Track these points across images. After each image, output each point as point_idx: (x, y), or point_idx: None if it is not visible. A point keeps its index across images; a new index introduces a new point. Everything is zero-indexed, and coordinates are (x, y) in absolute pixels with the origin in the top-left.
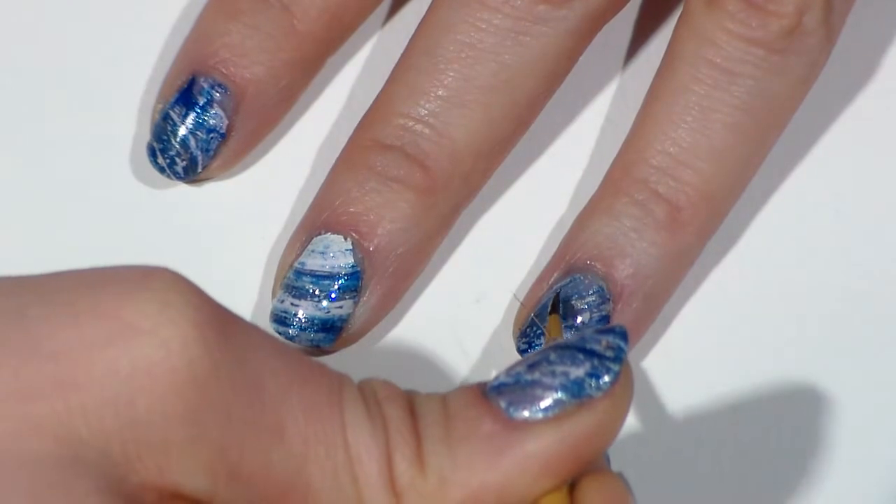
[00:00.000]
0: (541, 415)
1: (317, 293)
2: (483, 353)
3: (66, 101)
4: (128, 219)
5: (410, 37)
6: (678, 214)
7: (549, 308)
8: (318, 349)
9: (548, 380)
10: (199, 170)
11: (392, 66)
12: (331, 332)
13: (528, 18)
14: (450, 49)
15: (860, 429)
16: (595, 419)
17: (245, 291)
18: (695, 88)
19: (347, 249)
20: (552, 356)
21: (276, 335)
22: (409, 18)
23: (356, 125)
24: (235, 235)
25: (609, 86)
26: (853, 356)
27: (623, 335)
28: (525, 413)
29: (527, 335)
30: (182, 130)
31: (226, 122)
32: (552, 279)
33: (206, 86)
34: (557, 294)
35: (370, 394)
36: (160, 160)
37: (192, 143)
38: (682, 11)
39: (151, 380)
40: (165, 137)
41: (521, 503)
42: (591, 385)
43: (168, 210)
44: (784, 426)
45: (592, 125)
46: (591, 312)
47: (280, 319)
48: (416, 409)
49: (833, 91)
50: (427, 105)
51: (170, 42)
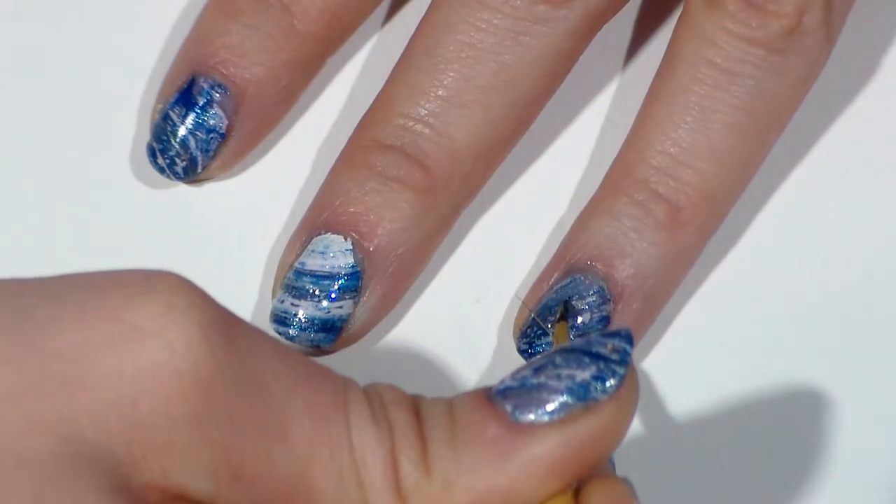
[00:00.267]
0: (546, 418)
1: (317, 293)
2: (483, 354)
3: (66, 101)
4: (128, 219)
5: (410, 37)
6: (678, 214)
7: (557, 316)
8: (319, 349)
9: (553, 383)
10: (199, 170)
11: (392, 66)
12: (331, 333)
13: (528, 18)
14: (450, 49)
15: (860, 429)
16: (601, 422)
17: (245, 291)
18: (695, 88)
19: (347, 249)
20: (558, 359)
21: (276, 335)
22: (409, 18)
23: (356, 125)
24: (235, 235)
25: (609, 86)
26: (853, 356)
27: (628, 338)
28: (531, 416)
29: (527, 335)
30: (182, 131)
31: (225, 123)
32: (552, 279)
33: (206, 86)
34: (566, 302)
35: (375, 397)
36: (160, 160)
37: (192, 144)
38: (682, 11)
39: (156, 381)
40: (165, 138)
41: None
42: (597, 388)
43: (168, 210)
44: (785, 427)
45: (592, 125)
46: (592, 313)
47: (280, 319)
48: (422, 413)
49: (833, 91)
50: (427, 105)
51: (170, 42)
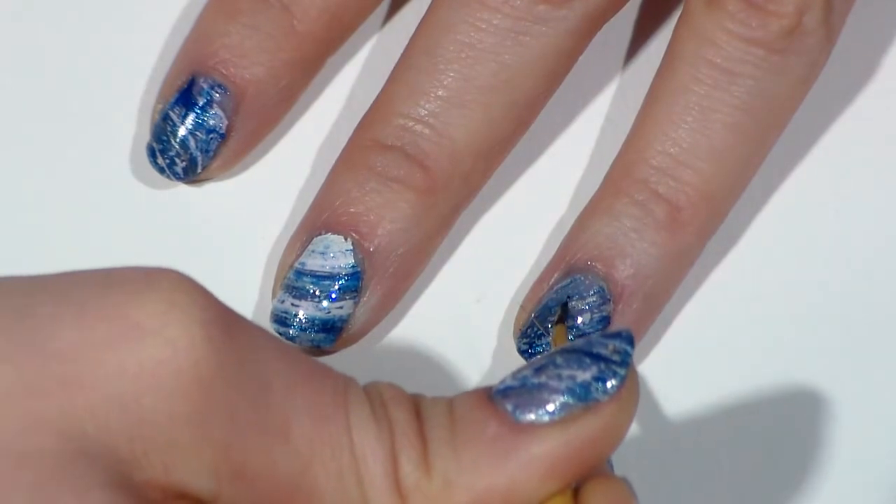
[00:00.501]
0: (547, 418)
1: (317, 293)
2: (483, 354)
3: (66, 101)
4: (128, 219)
5: (410, 37)
6: (678, 214)
7: (556, 318)
8: (319, 349)
9: (554, 383)
10: (199, 170)
11: (392, 66)
12: (331, 333)
13: (528, 18)
14: (450, 49)
15: (860, 429)
16: (601, 423)
17: (245, 291)
18: (695, 89)
19: (348, 250)
20: (559, 360)
21: (277, 335)
22: (409, 18)
23: (356, 125)
24: (235, 235)
25: (609, 86)
26: (853, 356)
27: (629, 339)
28: (531, 416)
29: (527, 335)
30: (182, 131)
31: (225, 123)
32: (553, 279)
33: (206, 86)
34: (565, 304)
35: (376, 396)
36: (160, 161)
37: (192, 144)
38: (682, 11)
39: (157, 379)
40: (165, 138)
41: None
42: (598, 389)
43: (168, 210)
44: (784, 427)
45: (592, 125)
46: (592, 313)
47: (280, 320)
48: (422, 412)
49: (833, 91)
50: (427, 105)
51: (170, 42)
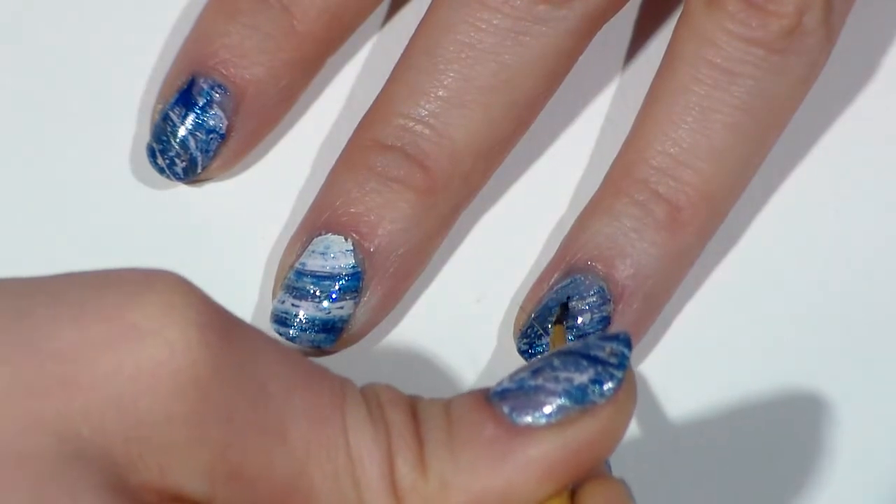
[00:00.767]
0: (544, 420)
1: (317, 294)
2: (483, 354)
3: (67, 101)
4: (127, 219)
5: (410, 37)
6: (678, 214)
7: (554, 319)
8: (319, 350)
9: (551, 385)
10: (199, 170)
11: (392, 66)
12: (331, 333)
13: (528, 18)
14: (450, 49)
15: (860, 429)
16: (598, 425)
17: (245, 292)
18: (695, 89)
19: (348, 250)
20: (556, 362)
21: (277, 336)
22: (409, 18)
23: (356, 125)
24: (235, 236)
25: (609, 86)
26: (853, 356)
27: (627, 342)
28: (528, 418)
29: (527, 335)
30: (181, 131)
31: (225, 123)
32: (552, 280)
33: (206, 86)
34: (563, 305)
35: (372, 397)
36: (160, 161)
37: (192, 144)
38: (682, 11)
39: (154, 381)
40: (165, 138)
41: None
42: (595, 391)
43: (168, 210)
44: (784, 427)
45: (592, 125)
46: (592, 313)
47: (280, 320)
48: (419, 414)
49: (833, 91)
50: (427, 105)
51: (170, 42)
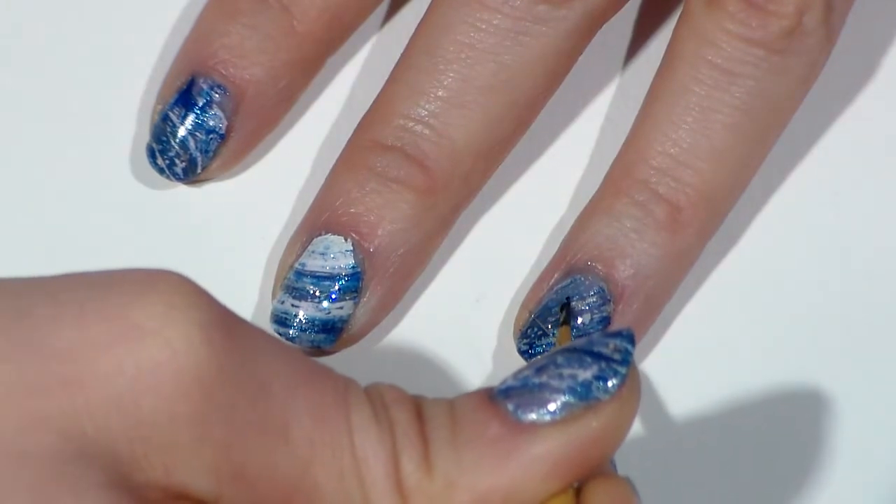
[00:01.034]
0: (548, 417)
1: (317, 294)
2: (483, 354)
3: (67, 102)
4: (128, 219)
5: (410, 37)
6: (678, 215)
7: (559, 318)
8: (319, 350)
9: (555, 382)
10: (199, 171)
11: (392, 66)
12: (331, 333)
13: (528, 18)
14: (449, 49)
15: (860, 429)
16: (602, 422)
17: (245, 292)
18: (695, 89)
19: (348, 250)
20: (559, 359)
21: (277, 336)
22: (409, 18)
23: (356, 125)
24: (235, 236)
25: (609, 86)
26: (853, 356)
27: (630, 338)
28: (532, 416)
29: (527, 336)
30: (181, 131)
31: (225, 123)
32: (553, 280)
33: (206, 87)
34: (567, 305)
35: (377, 397)
36: (160, 161)
37: (192, 144)
38: (682, 11)
39: (157, 380)
40: (165, 138)
41: None
42: (599, 388)
43: (168, 210)
44: (784, 427)
45: (592, 125)
46: (592, 313)
47: (280, 320)
48: (423, 413)
49: (833, 91)
50: (427, 105)
51: (170, 42)
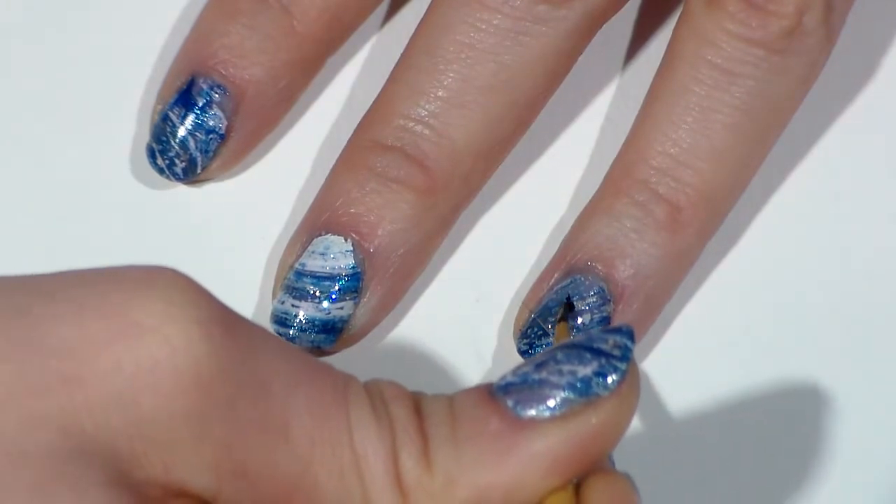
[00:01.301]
0: (548, 413)
1: (317, 294)
2: (483, 354)
3: (67, 101)
4: (128, 219)
5: (410, 37)
6: (678, 215)
7: (559, 316)
8: (319, 350)
9: (555, 378)
10: (199, 171)
11: (392, 66)
12: (331, 333)
13: (528, 18)
14: (449, 49)
15: (860, 428)
16: (602, 418)
17: (245, 292)
18: (695, 89)
19: (348, 250)
20: (559, 355)
21: (276, 335)
22: (409, 18)
23: (356, 125)
24: (235, 236)
25: (609, 86)
26: (853, 356)
27: (630, 334)
28: (532, 412)
29: (527, 335)
30: (181, 131)
31: (225, 123)
32: (553, 280)
33: (206, 87)
34: (566, 303)
35: (376, 393)
36: (159, 161)
37: (192, 144)
38: (682, 11)
39: (156, 378)
40: (165, 138)
41: (528, 502)
42: (599, 384)
43: (168, 210)
44: (784, 426)
45: (592, 125)
46: (592, 313)
47: (280, 320)
48: (423, 409)
49: (833, 91)
50: (427, 106)
51: (170, 42)
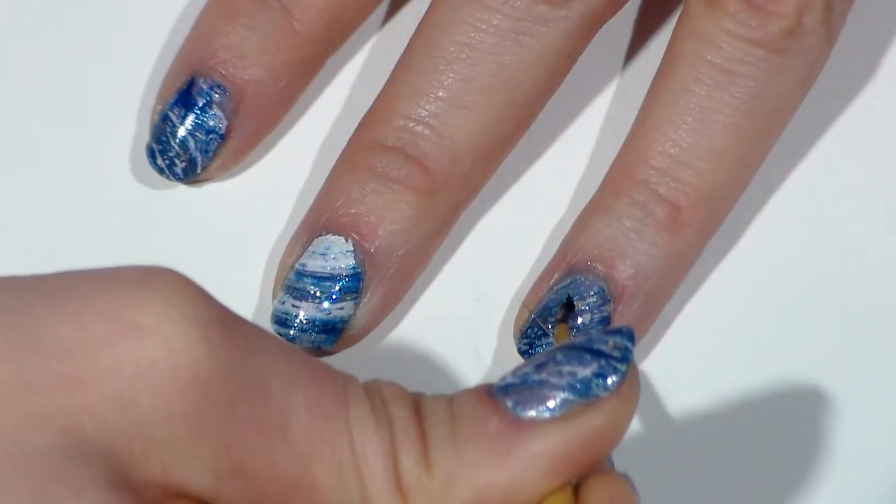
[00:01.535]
0: (547, 414)
1: (318, 294)
2: (483, 354)
3: (67, 102)
4: (128, 219)
5: (410, 37)
6: (678, 215)
7: (557, 317)
8: (320, 350)
9: (555, 380)
10: (199, 171)
11: (392, 66)
12: (332, 334)
13: (528, 18)
14: (450, 50)
15: (860, 428)
16: (602, 419)
17: (245, 292)
18: (695, 89)
19: (348, 251)
20: (559, 356)
21: (275, 335)
22: (409, 18)
23: (356, 126)
24: (235, 236)
25: (609, 86)
26: (853, 356)
27: (630, 336)
28: (532, 413)
29: (528, 336)
30: (181, 132)
31: (225, 123)
32: (553, 280)
33: (206, 87)
34: (566, 303)
35: (376, 393)
36: (159, 161)
37: (192, 145)
38: (682, 11)
39: (155, 378)
40: (165, 139)
41: (527, 502)
42: (598, 385)
43: (168, 211)
44: (784, 426)
45: (592, 125)
46: (592, 313)
47: (281, 321)
48: (422, 410)
49: (833, 91)
50: (427, 106)
51: (170, 42)
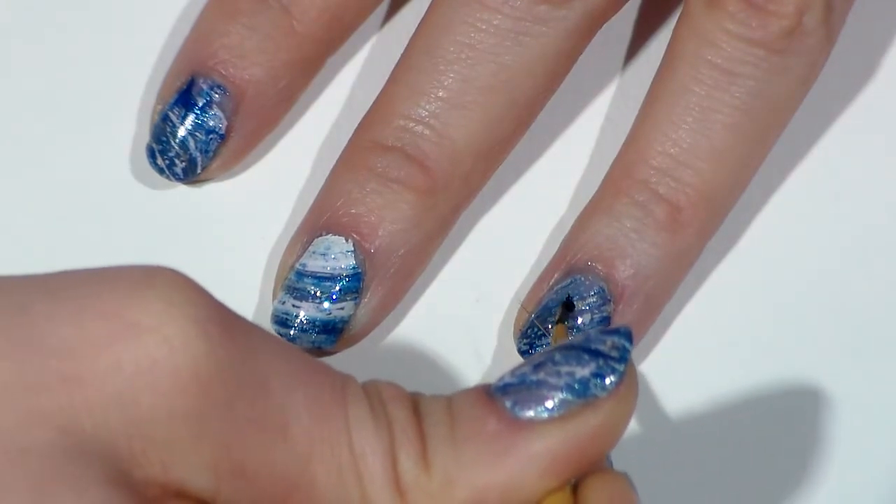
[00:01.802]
0: (546, 414)
1: (318, 294)
2: (483, 354)
3: (67, 102)
4: (128, 219)
5: (410, 37)
6: (678, 215)
7: (557, 318)
8: (320, 350)
9: (553, 380)
10: (199, 171)
11: (392, 66)
12: (332, 334)
13: (528, 18)
14: (450, 50)
15: (860, 428)
16: (600, 419)
17: (245, 292)
18: (695, 89)
19: (348, 251)
20: (557, 356)
21: (275, 334)
22: (409, 18)
23: (356, 126)
24: (235, 236)
25: (609, 86)
26: (853, 356)
27: (628, 335)
28: (530, 413)
29: (527, 336)
30: (181, 132)
31: (225, 123)
32: (553, 280)
33: (206, 87)
34: (564, 304)
35: (375, 394)
36: (159, 161)
37: (192, 145)
38: (682, 11)
39: (155, 377)
40: (165, 139)
41: (526, 502)
42: (597, 385)
43: (168, 211)
44: (784, 426)
45: (592, 125)
46: (592, 313)
47: (281, 321)
48: (421, 410)
49: (833, 91)
50: (427, 106)
51: (170, 42)
